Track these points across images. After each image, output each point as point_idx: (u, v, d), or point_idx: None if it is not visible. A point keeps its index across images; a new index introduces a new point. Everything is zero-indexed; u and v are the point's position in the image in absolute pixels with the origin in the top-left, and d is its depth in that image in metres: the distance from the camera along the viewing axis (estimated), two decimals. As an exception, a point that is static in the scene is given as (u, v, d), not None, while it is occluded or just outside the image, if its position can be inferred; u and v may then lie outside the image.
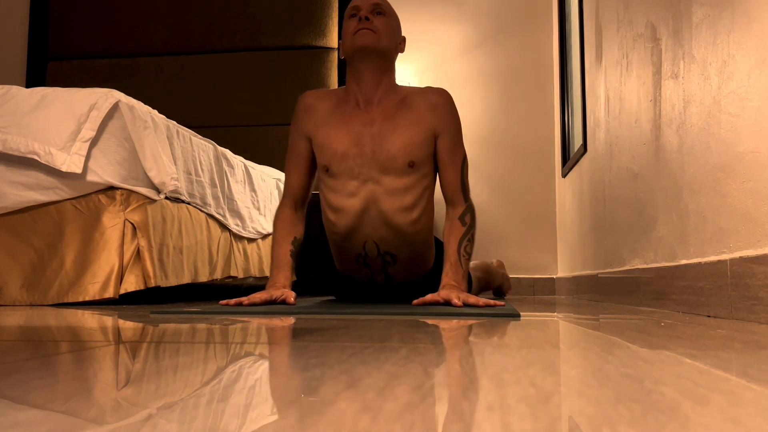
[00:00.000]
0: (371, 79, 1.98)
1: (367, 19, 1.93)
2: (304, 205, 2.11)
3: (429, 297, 1.75)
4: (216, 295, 3.15)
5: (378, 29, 1.94)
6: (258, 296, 1.78)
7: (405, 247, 2.03)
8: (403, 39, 2.07)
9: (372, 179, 1.96)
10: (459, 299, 1.68)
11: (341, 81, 4.33)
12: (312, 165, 2.07)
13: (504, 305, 1.74)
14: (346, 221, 2.01)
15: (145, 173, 2.31)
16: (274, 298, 1.79)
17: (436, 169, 2.05)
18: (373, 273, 2.09)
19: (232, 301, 1.76)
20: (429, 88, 2.03)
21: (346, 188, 1.97)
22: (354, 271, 2.13)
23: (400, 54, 2.11)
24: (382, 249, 2.02)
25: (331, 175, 1.99)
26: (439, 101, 1.99)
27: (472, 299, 1.70)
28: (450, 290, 1.77)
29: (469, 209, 1.99)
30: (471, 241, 1.94)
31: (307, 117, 2.02)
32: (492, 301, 1.72)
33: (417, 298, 1.77)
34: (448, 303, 1.71)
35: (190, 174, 2.61)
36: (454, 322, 1.27)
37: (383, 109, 1.98)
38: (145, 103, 2.44)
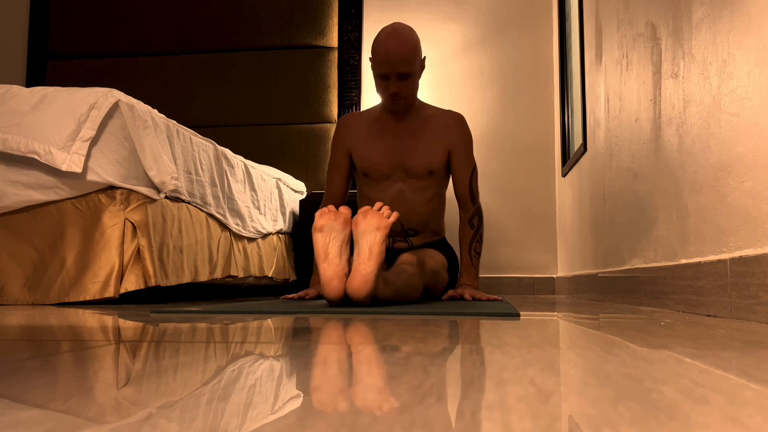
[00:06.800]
0: (402, 115, 2.45)
1: (396, 94, 2.32)
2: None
3: (450, 293, 2.35)
4: (216, 294, 3.15)
5: (405, 95, 2.35)
6: (312, 292, 2.30)
7: (423, 225, 2.50)
8: (424, 59, 2.41)
9: (400, 179, 2.46)
10: (470, 295, 2.29)
11: (341, 80, 4.33)
12: (349, 175, 2.54)
13: (501, 300, 2.25)
14: None
15: (145, 173, 2.31)
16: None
17: (449, 172, 2.53)
18: (395, 241, 2.50)
19: (295, 296, 2.28)
20: (449, 112, 2.50)
21: (380, 185, 2.47)
22: None
23: None
24: (405, 227, 2.47)
25: (368, 177, 2.49)
26: (454, 124, 2.47)
27: (479, 295, 2.30)
28: (465, 288, 2.38)
29: (477, 212, 2.51)
30: (480, 240, 2.51)
31: (348, 134, 2.50)
32: (492, 297, 2.28)
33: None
34: (462, 298, 2.30)
35: (190, 173, 2.61)
36: (454, 322, 1.27)
37: (410, 126, 2.45)
38: (145, 103, 2.44)
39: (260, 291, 3.61)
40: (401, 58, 2.27)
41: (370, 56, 2.36)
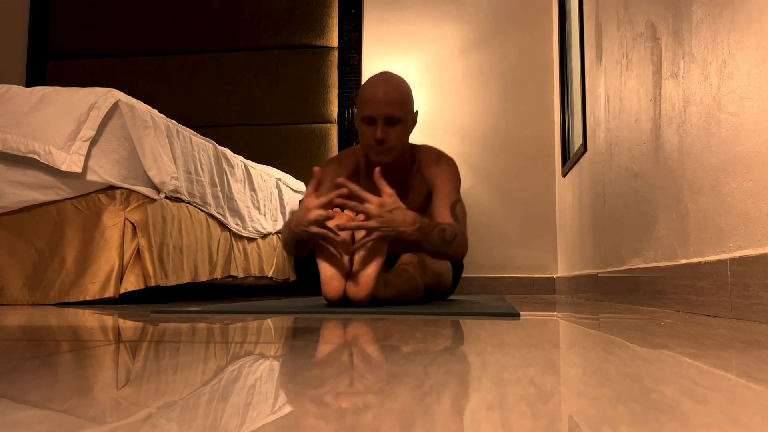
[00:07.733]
0: (386, 169, 2.04)
1: (382, 141, 2.03)
2: None
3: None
4: (216, 294, 3.15)
5: (393, 145, 2.06)
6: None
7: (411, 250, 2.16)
8: (416, 113, 2.18)
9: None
10: (411, 231, 1.80)
11: (341, 80, 4.33)
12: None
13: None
14: None
15: (145, 173, 2.31)
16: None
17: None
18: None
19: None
20: (438, 160, 2.18)
21: None
22: None
23: (402, 62, 2.16)
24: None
25: None
26: (437, 169, 2.14)
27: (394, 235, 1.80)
28: (418, 224, 1.84)
29: (458, 228, 2.01)
30: (452, 239, 1.96)
31: (340, 171, 2.15)
32: (374, 235, 1.78)
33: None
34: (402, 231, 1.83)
35: (190, 173, 2.61)
36: (454, 322, 1.27)
37: (399, 193, 2.03)
38: (145, 103, 2.44)
39: (260, 291, 3.61)
40: (391, 100, 2.05)
41: (356, 110, 2.09)
